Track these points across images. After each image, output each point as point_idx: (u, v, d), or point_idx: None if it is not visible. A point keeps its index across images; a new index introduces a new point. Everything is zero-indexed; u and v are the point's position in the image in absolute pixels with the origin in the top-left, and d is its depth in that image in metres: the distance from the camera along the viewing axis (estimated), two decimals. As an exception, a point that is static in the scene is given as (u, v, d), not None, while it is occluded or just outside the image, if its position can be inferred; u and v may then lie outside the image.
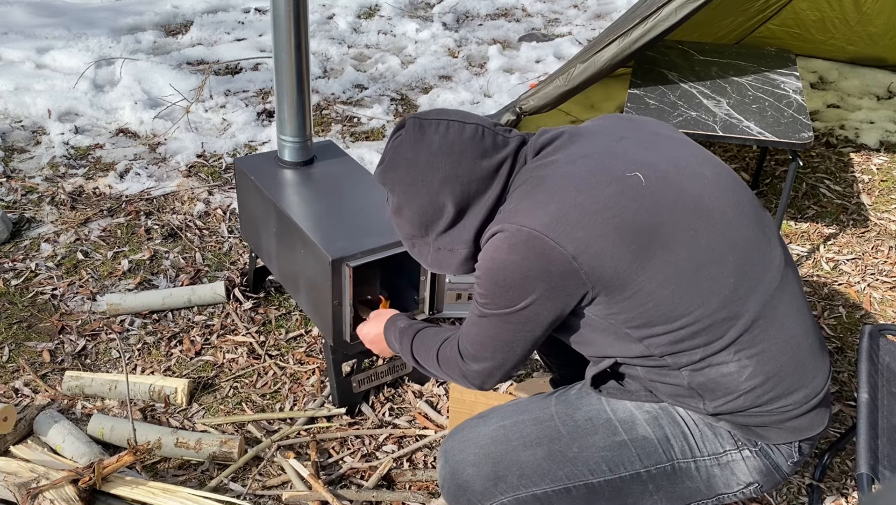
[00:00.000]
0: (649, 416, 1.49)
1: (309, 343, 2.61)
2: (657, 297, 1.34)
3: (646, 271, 1.33)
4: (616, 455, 1.48)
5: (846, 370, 2.58)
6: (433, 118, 1.50)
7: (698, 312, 1.35)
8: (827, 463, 2.19)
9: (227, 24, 5.40)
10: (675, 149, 1.47)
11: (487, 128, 1.49)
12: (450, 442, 1.59)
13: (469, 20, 5.75)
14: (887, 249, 3.22)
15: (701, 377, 1.40)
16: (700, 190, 1.40)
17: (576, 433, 1.50)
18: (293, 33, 2.26)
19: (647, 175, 1.37)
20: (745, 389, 1.39)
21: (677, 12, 2.65)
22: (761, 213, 1.48)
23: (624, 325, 1.38)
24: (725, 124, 2.70)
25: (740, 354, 1.38)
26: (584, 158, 1.41)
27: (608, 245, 1.32)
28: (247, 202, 2.52)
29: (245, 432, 2.26)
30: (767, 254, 1.43)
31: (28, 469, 1.95)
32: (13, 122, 3.94)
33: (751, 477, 1.48)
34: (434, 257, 1.55)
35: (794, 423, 1.43)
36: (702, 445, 1.47)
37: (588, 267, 1.32)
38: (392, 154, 1.52)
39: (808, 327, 1.47)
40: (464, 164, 1.45)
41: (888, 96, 4.51)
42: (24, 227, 3.14)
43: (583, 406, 1.53)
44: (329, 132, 4.02)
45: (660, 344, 1.38)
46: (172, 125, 3.94)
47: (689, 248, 1.35)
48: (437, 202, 1.47)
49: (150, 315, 2.70)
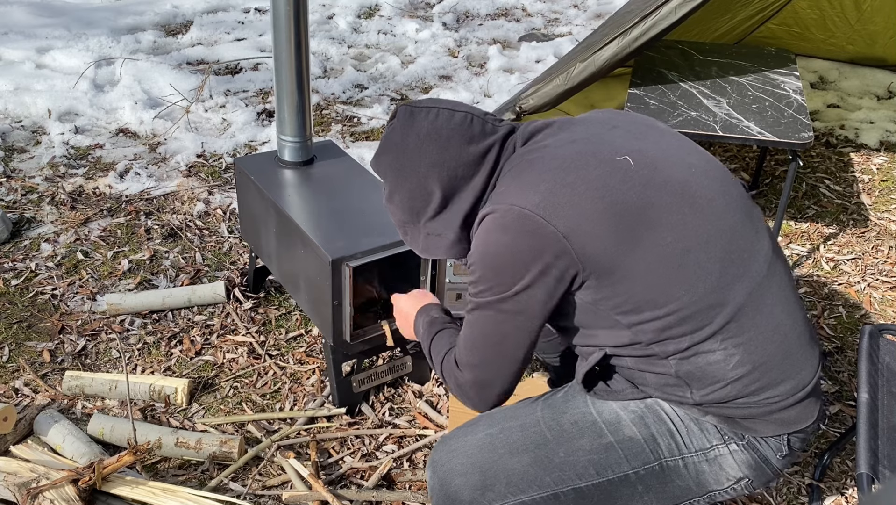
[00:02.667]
0: (635, 415, 1.49)
1: (309, 343, 2.61)
2: (645, 281, 1.35)
3: (634, 253, 1.34)
4: (603, 458, 1.47)
5: (846, 370, 2.58)
6: (424, 105, 1.51)
7: (685, 298, 1.36)
8: (827, 463, 2.19)
9: (227, 24, 5.40)
10: (666, 141, 1.49)
11: (477, 115, 1.49)
12: (438, 452, 1.58)
13: (469, 20, 5.75)
14: (887, 249, 3.22)
15: (688, 365, 1.40)
16: (688, 177, 1.41)
17: (562, 438, 1.50)
18: (293, 33, 2.26)
19: (637, 160, 1.39)
20: (732, 377, 1.39)
21: (676, 11, 2.64)
22: (749, 204, 1.48)
23: (613, 310, 1.39)
24: (725, 124, 2.70)
25: (727, 343, 1.38)
26: (573, 143, 1.43)
27: (598, 225, 1.33)
28: (247, 202, 2.52)
29: (245, 432, 2.26)
30: (755, 243, 1.44)
31: (28, 469, 1.95)
32: (13, 122, 3.94)
33: (740, 472, 1.48)
34: (424, 243, 1.56)
35: (781, 414, 1.43)
36: (688, 441, 1.47)
37: (579, 246, 1.33)
38: (384, 141, 1.54)
39: (797, 319, 1.47)
40: (451, 149, 1.46)
41: (888, 96, 4.51)
42: (24, 227, 3.14)
43: (569, 410, 1.53)
44: (329, 132, 4.02)
45: (648, 331, 1.38)
46: (172, 125, 3.94)
47: (677, 231, 1.36)
48: (425, 187, 1.49)
49: (150, 315, 2.70)
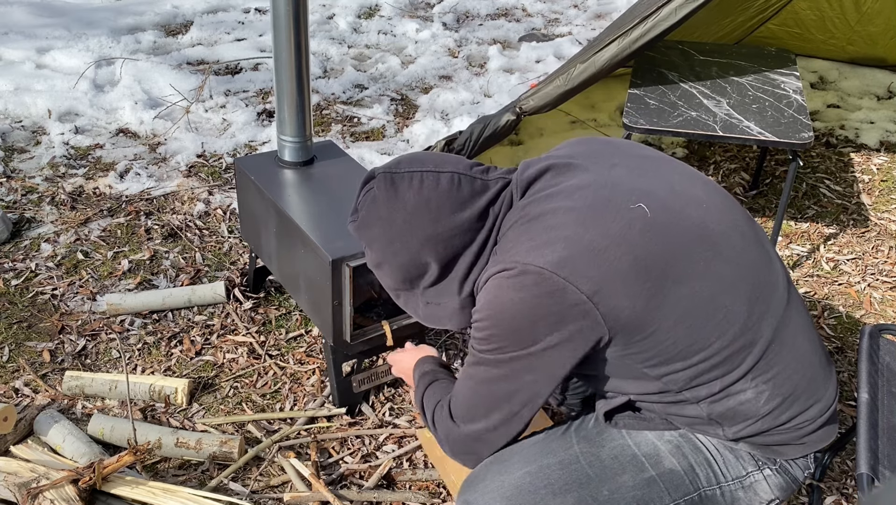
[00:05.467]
0: (672, 445, 1.44)
1: (309, 343, 2.61)
2: (675, 334, 1.29)
3: (662, 309, 1.27)
4: (646, 493, 1.42)
5: (846, 370, 2.58)
6: (404, 171, 1.40)
7: (716, 345, 1.32)
8: (827, 463, 2.19)
9: (227, 24, 5.40)
10: (665, 172, 1.43)
11: (464, 174, 1.40)
12: (470, 494, 1.45)
13: (469, 20, 5.75)
14: (887, 249, 3.22)
15: (720, 407, 1.37)
16: (702, 216, 1.35)
17: (604, 475, 1.43)
18: (293, 33, 2.26)
19: (651, 205, 1.32)
20: (764, 413, 1.37)
21: (677, 12, 2.64)
22: (757, 229, 1.46)
23: (641, 364, 1.33)
24: (725, 124, 2.70)
25: (757, 381, 1.35)
26: (581, 191, 1.34)
27: (624, 284, 1.25)
28: (247, 202, 2.52)
29: (245, 432, 2.26)
30: (772, 273, 1.41)
31: (28, 469, 1.95)
32: (13, 122, 3.94)
33: (772, 494, 1.47)
34: (424, 312, 1.49)
35: (811, 437, 1.43)
36: (725, 470, 1.45)
37: (605, 308, 1.25)
38: (365, 212, 1.43)
39: (815, 341, 1.46)
40: (442, 220, 1.37)
41: (888, 96, 4.51)
42: (24, 227, 3.14)
43: (606, 443, 1.46)
44: (329, 132, 4.02)
45: (679, 380, 1.34)
46: (172, 125, 3.94)
47: (702, 280, 1.30)
48: (419, 261, 1.41)
49: (150, 315, 2.70)
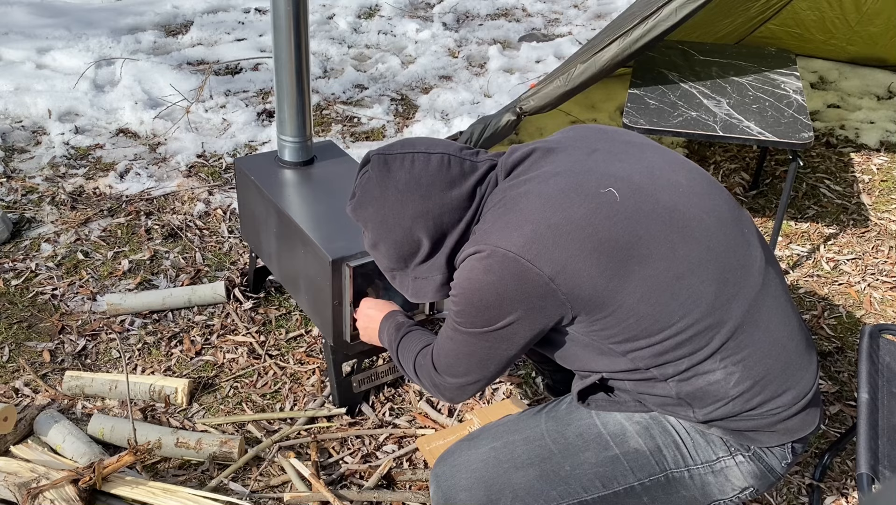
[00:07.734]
0: (640, 427, 1.48)
1: (309, 343, 2.61)
2: (638, 312, 1.34)
3: (625, 288, 1.32)
4: (609, 470, 1.47)
5: (846, 370, 2.58)
6: (397, 152, 1.49)
7: (681, 324, 1.35)
8: (827, 463, 2.19)
9: (227, 24, 5.40)
10: (648, 157, 1.46)
11: (453, 155, 1.48)
12: (440, 467, 1.57)
13: (469, 20, 5.75)
14: (887, 249, 3.22)
15: (688, 386, 1.39)
16: (675, 199, 1.39)
17: (567, 451, 1.49)
18: (293, 33, 2.26)
19: (621, 189, 1.36)
20: (734, 395, 1.39)
21: (677, 12, 2.64)
22: (739, 215, 1.47)
23: (607, 340, 1.38)
24: (725, 124, 2.70)
25: (726, 361, 1.37)
26: (556, 177, 1.40)
27: (585, 265, 1.31)
28: (247, 202, 2.52)
29: (245, 432, 2.26)
30: (747, 257, 1.42)
31: (28, 469, 1.95)
32: (13, 122, 3.94)
33: (745, 482, 1.48)
34: (413, 287, 1.57)
35: (785, 424, 1.43)
36: (694, 453, 1.46)
37: (566, 288, 1.32)
38: (360, 192, 1.53)
39: (794, 327, 1.46)
40: (433, 197, 1.45)
41: (888, 96, 4.51)
42: (24, 227, 3.14)
43: (573, 421, 1.52)
44: (329, 132, 4.02)
45: (644, 357, 1.37)
46: (172, 125, 3.94)
47: (667, 260, 1.34)
48: (412, 237, 1.49)
49: (151, 315, 2.70)
